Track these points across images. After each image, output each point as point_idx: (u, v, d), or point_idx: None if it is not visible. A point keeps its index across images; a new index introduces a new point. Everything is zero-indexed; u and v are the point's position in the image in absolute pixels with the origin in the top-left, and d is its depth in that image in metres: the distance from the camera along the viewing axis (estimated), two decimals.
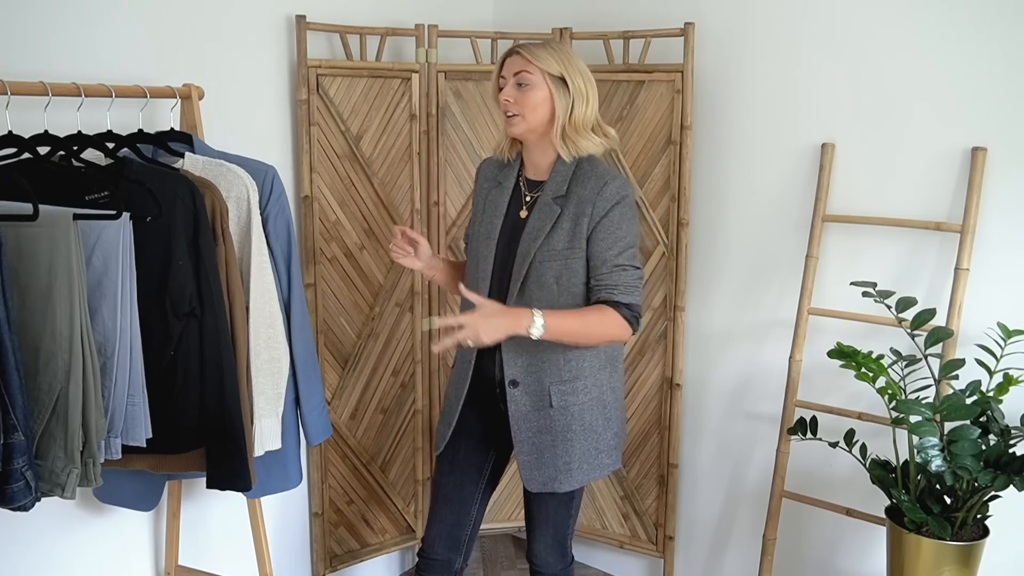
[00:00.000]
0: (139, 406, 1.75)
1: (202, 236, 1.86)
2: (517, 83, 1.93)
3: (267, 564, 2.21)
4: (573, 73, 1.93)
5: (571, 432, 1.99)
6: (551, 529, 2.11)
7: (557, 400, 1.98)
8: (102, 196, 1.82)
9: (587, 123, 1.96)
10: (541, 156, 2.01)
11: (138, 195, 1.79)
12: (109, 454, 1.73)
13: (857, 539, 2.48)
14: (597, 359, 2.01)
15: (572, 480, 2.01)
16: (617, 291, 1.91)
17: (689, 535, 2.90)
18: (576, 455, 2.00)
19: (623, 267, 1.93)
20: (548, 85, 1.92)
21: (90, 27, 2.05)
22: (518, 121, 1.94)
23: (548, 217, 1.94)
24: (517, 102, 1.93)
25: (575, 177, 1.96)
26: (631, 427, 2.87)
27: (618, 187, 1.94)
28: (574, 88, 1.93)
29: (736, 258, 2.69)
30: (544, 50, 1.93)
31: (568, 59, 1.94)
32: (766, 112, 2.57)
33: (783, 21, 2.50)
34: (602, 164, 1.99)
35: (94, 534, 2.21)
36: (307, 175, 2.56)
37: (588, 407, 2.01)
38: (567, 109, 1.93)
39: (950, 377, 2.12)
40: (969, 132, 2.22)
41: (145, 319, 1.78)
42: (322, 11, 2.54)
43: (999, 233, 2.21)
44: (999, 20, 2.16)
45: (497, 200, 2.05)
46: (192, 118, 2.12)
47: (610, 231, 1.92)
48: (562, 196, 1.95)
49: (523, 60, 1.92)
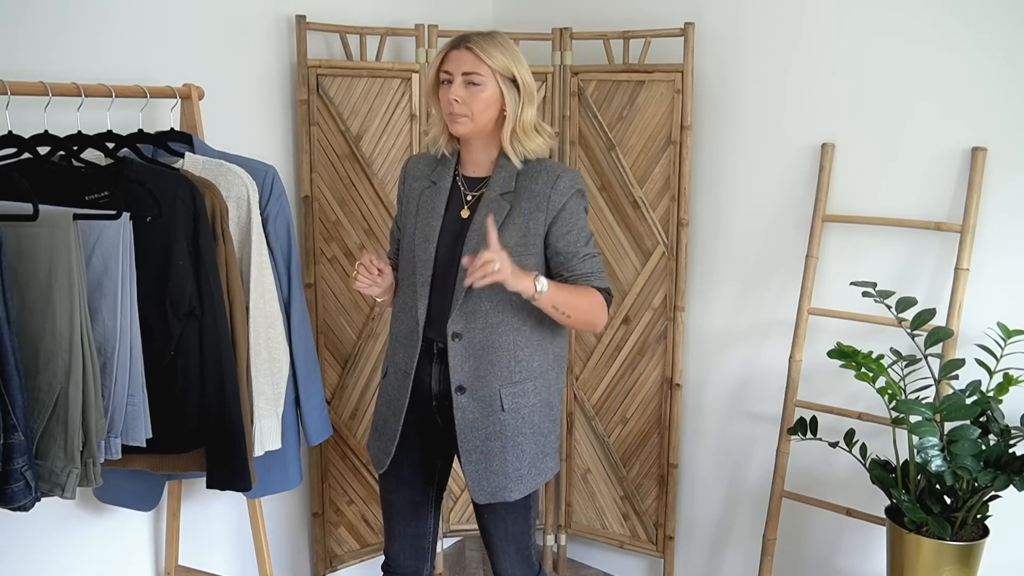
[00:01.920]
0: (139, 406, 1.75)
1: (202, 236, 1.86)
2: (467, 82, 1.83)
3: (267, 564, 2.21)
4: (521, 70, 1.85)
5: (521, 436, 1.92)
6: (513, 544, 2.02)
7: (508, 403, 1.90)
8: (102, 196, 1.81)
9: (532, 123, 1.89)
10: (483, 154, 1.93)
11: (138, 195, 1.79)
12: (109, 454, 1.73)
13: (857, 539, 2.48)
14: (546, 359, 1.95)
15: (522, 487, 1.93)
16: (593, 278, 1.90)
17: (689, 535, 2.90)
18: (527, 460, 1.93)
19: (591, 255, 1.91)
20: (499, 85, 1.83)
21: (90, 27, 2.05)
22: (465, 121, 1.85)
23: (497, 213, 1.86)
24: (465, 102, 1.83)
25: (524, 172, 1.89)
26: (631, 427, 2.87)
27: (571, 179, 1.89)
28: (524, 88, 1.85)
29: (736, 258, 2.69)
30: (495, 47, 1.83)
31: (515, 55, 1.86)
32: (766, 112, 2.57)
33: (783, 21, 2.50)
34: (549, 159, 1.95)
35: (94, 534, 2.21)
36: (307, 175, 2.56)
37: (537, 409, 1.94)
38: (518, 109, 1.85)
39: (950, 377, 2.12)
40: (969, 132, 2.22)
41: (145, 319, 1.77)
42: (322, 11, 2.54)
43: (999, 233, 2.21)
44: (999, 20, 2.16)
45: (433, 201, 1.95)
46: (192, 118, 2.12)
47: (572, 222, 1.88)
48: (511, 192, 1.87)
49: (474, 59, 1.81)
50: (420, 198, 1.98)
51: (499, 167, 1.90)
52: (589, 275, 1.90)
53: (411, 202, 2.00)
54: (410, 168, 2.05)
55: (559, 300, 1.83)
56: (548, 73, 2.80)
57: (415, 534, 2.10)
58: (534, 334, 1.93)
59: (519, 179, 1.89)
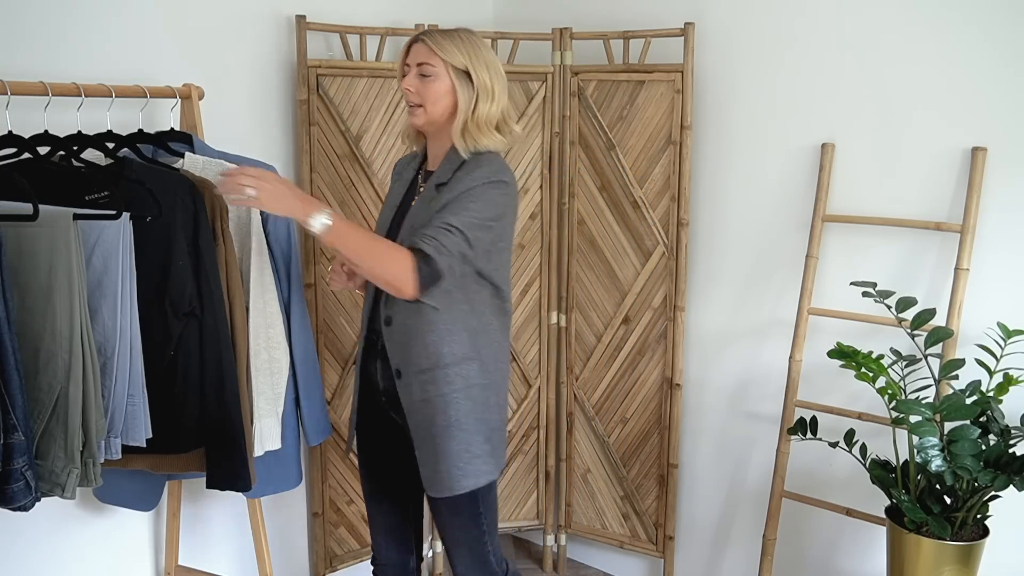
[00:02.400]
0: (139, 406, 1.75)
1: (202, 236, 1.86)
2: (420, 73, 1.85)
3: (267, 564, 2.21)
4: (479, 67, 1.86)
5: (435, 427, 1.86)
6: (466, 550, 1.98)
7: (419, 392, 1.86)
8: (102, 196, 1.81)
9: (491, 120, 1.88)
10: (440, 148, 1.94)
11: (138, 195, 1.79)
12: (109, 454, 1.73)
13: (857, 539, 2.48)
14: (460, 348, 1.86)
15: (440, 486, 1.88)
16: (427, 241, 1.76)
17: (689, 535, 2.90)
18: (443, 455, 1.86)
19: (449, 227, 1.78)
20: (451, 77, 1.85)
21: (90, 27, 2.05)
22: (419, 112, 1.88)
23: (429, 201, 1.87)
24: (418, 92, 1.86)
25: (463, 166, 1.87)
26: (631, 427, 2.87)
27: (491, 171, 1.85)
28: (478, 82, 1.85)
29: (736, 258, 2.69)
30: (449, 41, 1.85)
31: (475, 52, 1.86)
32: (766, 112, 2.57)
33: (783, 21, 2.50)
34: (498, 158, 1.90)
35: (94, 534, 2.21)
36: (307, 175, 2.56)
37: (452, 400, 1.86)
38: (470, 104, 1.86)
39: (950, 377, 2.12)
40: (969, 132, 2.22)
41: (145, 319, 1.78)
42: (322, 11, 2.54)
43: (999, 233, 2.21)
44: (999, 20, 2.16)
45: (395, 192, 2.02)
46: (192, 118, 2.12)
47: (461, 201, 1.81)
48: (444, 184, 1.87)
49: (427, 50, 1.84)
50: (390, 192, 2.05)
51: (445, 159, 1.91)
52: (426, 238, 1.77)
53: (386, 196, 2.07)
54: (395, 167, 2.12)
55: (343, 241, 1.74)
56: (548, 73, 2.80)
57: (395, 525, 2.11)
58: (445, 317, 1.85)
59: (458, 171, 1.87)
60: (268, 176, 1.72)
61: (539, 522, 3.07)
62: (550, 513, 3.06)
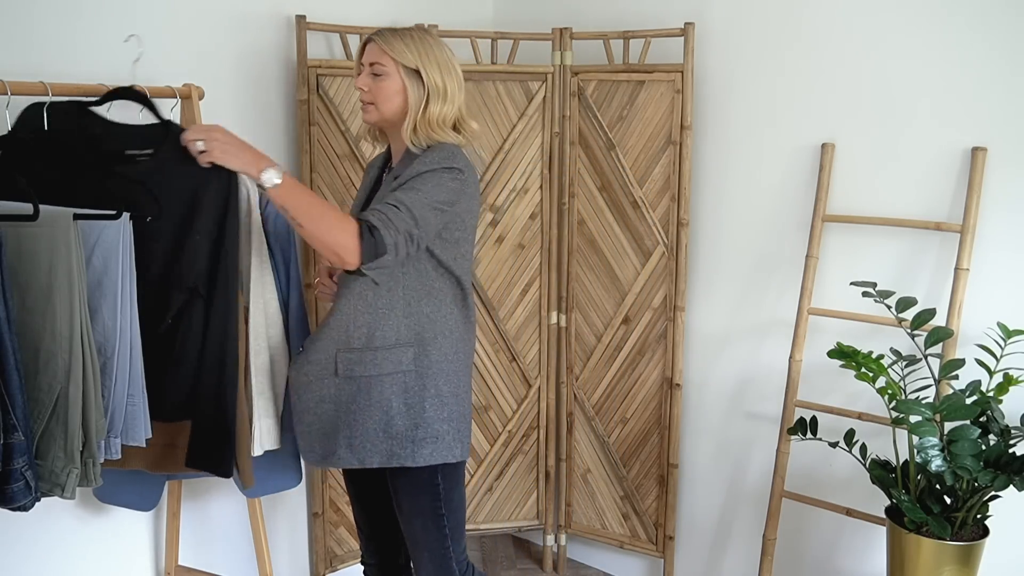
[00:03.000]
0: (139, 406, 1.75)
1: (229, 217, 1.85)
2: (372, 72, 1.88)
3: (267, 564, 2.21)
4: (430, 67, 1.86)
5: (355, 404, 1.87)
6: (426, 553, 1.96)
7: (343, 368, 1.87)
8: (144, 153, 1.82)
9: (445, 120, 1.89)
10: (399, 144, 1.96)
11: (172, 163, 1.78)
12: (109, 454, 1.73)
13: (857, 539, 2.48)
14: (396, 333, 1.86)
15: (352, 458, 1.88)
16: (374, 215, 1.77)
17: (689, 535, 2.90)
18: (359, 431, 1.87)
19: (398, 205, 1.78)
20: (401, 77, 1.86)
21: (90, 27, 2.05)
22: (371, 110, 1.91)
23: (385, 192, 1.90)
24: (370, 91, 1.89)
25: (419, 157, 1.88)
26: (631, 427, 2.87)
27: (445, 156, 1.85)
28: (429, 82, 1.86)
29: (736, 258, 2.69)
30: (400, 40, 1.87)
31: (427, 52, 1.87)
32: (766, 112, 2.57)
33: (783, 21, 2.50)
34: (451, 147, 1.89)
35: (94, 534, 2.21)
36: (307, 175, 2.56)
37: (379, 382, 1.86)
38: (420, 103, 1.87)
39: (950, 377, 2.12)
40: (969, 132, 2.22)
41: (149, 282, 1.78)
42: (322, 11, 2.54)
43: (999, 233, 2.21)
44: (999, 20, 2.16)
45: (363, 189, 2.06)
46: (192, 118, 2.12)
47: (412, 183, 1.81)
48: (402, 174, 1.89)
49: (378, 50, 1.87)
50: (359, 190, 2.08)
51: (405, 155, 1.93)
52: (374, 211, 1.78)
53: None
54: (367, 168, 2.14)
55: (292, 200, 1.75)
56: (548, 73, 2.80)
57: (378, 525, 2.12)
58: (379, 302, 1.86)
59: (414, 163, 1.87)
60: (217, 129, 1.76)
61: (539, 522, 3.07)
62: (550, 513, 3.06)
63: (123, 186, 1.78)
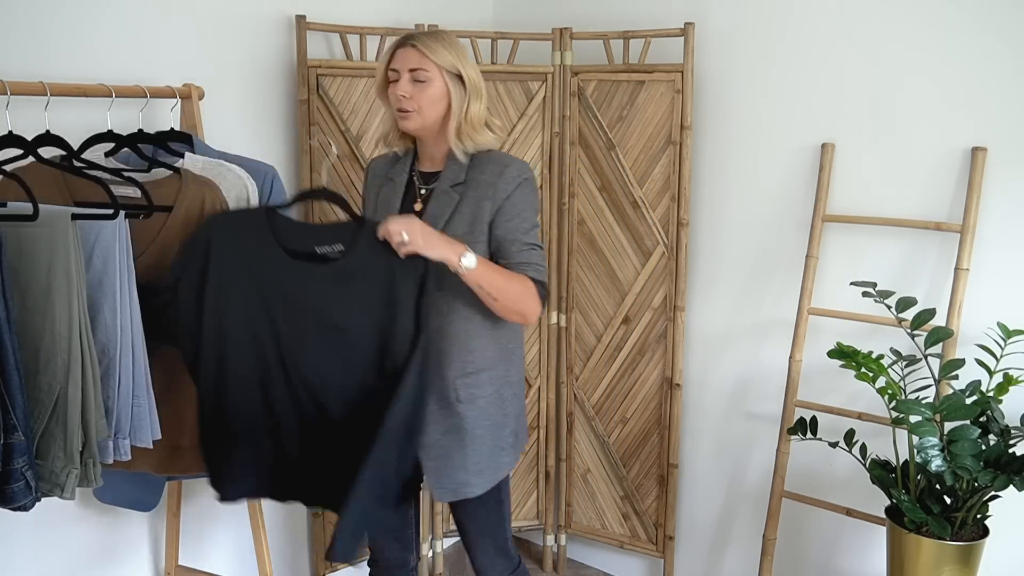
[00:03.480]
0: (144, 407, 1.74)
1: (424, 297, 1.81)
2: (413, 79, 1.85)
3: (267, 564, 2.21)
4: (468, 68, 1.87)
5: (480, 429, 1.93)
6: (489, 539, 2.06)
7: (464, 393, 1.91)
8: (334, 250, 1.82)
9: (482, 118, 1.91)
10: (436, 148, 1.95)
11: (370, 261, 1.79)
12: (118, 455, 1.72)
13: (857, 539, 2.48)
14: (495, 350, 1.94)
15: (483, 482, 1.95)
16: (530, 269, 1.87)
17: (689, 535, 2.90)
18: (485, 453, 1.94)
19: (532, 246, 1.89)
20: (445, 81, 1.86)
21: (90, 27, 2.05)
22: (413, 117, 1.87)
23: (447, 205, 1.89)
24: (413, 98, 1.86)
25: (473, 164, 1.90)
26: (631, 427, 2.87)
27: (519, 168, 1.90)
28: (470, 84, 1.87)
29: (736, 258, 2.69)
30: (440, 44, 1.85)
31: (462, 53, 1.88)
32: (766, 112, 2.57)
33: (783, 21, 2.50)
34: (498, 151, 1.95)
35: (94, 534, 2.21)
36: (307, 175, 2.56)
37: (490, 401, 1.94)
38: (463, 105, 1.87)
39: (950, 377, 2.12)
40: (969, 132, 2.22)
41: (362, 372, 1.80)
42: (322, 11, 2.54)
43: (999, 233, 2.21)
44: (999, 20, 2.16)
45: (389, 197, 1.99)
46: (192, 118, 2.12)
47: (517, 211, 1.88)
48: (460, 183, 1.90)
49: (419, 55, 1.84)
50: (379, 196, 2.02)
51: (450, 160, 1.92)
52: (525, 265, 1.87)
53: (370, 201, 2.04)
54: (371, 169, 2.09)
55: (486, 279, 1.81)
56: (548, 73, 2.80)
57: (400, 526, 2.12)
58: (485, 322, 1.92)
59: (469, 170, 1.90)
60: (414, 221, 1.77)
61: (539, 522, 3.07)
62: (550, 513, 3.06)
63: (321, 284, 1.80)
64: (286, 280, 1.81)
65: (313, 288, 1.81)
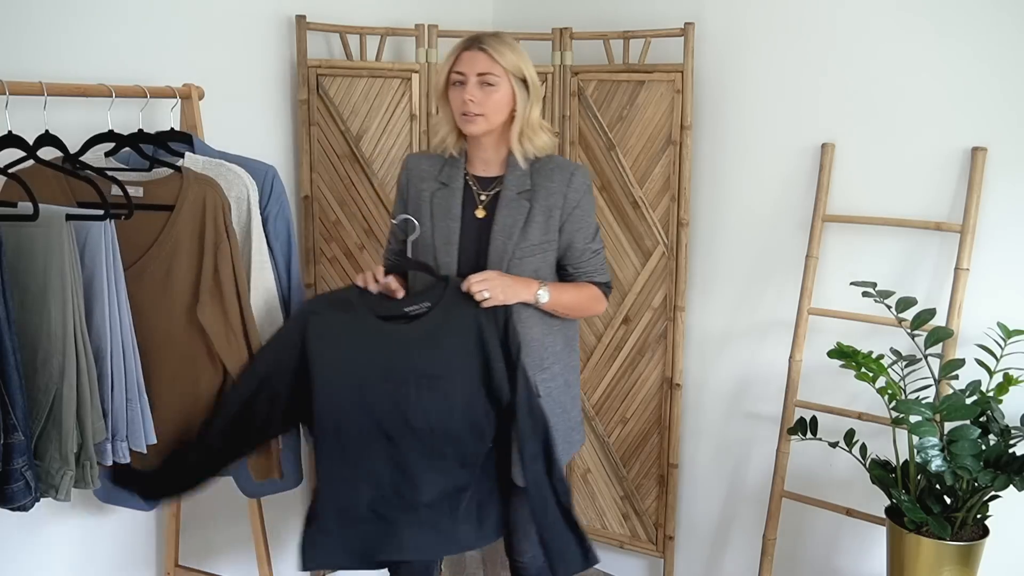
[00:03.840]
0: (138, 411, 1.74)
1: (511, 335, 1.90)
2: (481, 82, 1.86)
3: (267, 564, 2.21)
4: (530, 70, 1.89)
5: (555, 417, 1.99)
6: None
7: (543, 388, 1.98)
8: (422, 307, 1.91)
9: (539, 120, 1.93)
10: (494, 152, 1.96)
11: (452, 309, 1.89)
12: (117, 457, 1.72)
13: (857, 539, 2.48)
14: (562, 343, 2.04)
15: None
16: (596, 274, 2.02)
17: (689, 535, 2.90)
18: (560, 438, 1.99)
19: (597, 251, 2.02)
20: (511, 84, 1.87)
21: (90, 27, 2.05)
22: (480, 121, 1.88)
23: (518, 213, 1.92)
24: (481, 102, 1.86)
25: (536, 171, 1.94)
26: (631, 427, 2.87)
27: (583, 176, 1.98)
28: (532, 86, 1.89)
29: (736, 258, 2.69)
30: (506, 47, 1.87)
31: (524, 55, 1.90)
32: (766, 112, 2.56)
33: (783, 21, 2.50)
34: (557, 155, 2.00)
35: (94, 534, 2.21)
36: (307, 175, 2.56)
37: (561, 389, 2.04)
38: (527, 108, 1.88)
39: (950, 377, 2.12)
40: (969, 132, 2.22)
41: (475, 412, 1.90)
42: (322, 11, 2.54)
43: (999, 233, 2.21)
44: (999, 20, 2.16)
45: (447, 202, 1.97)
46: (192, 118, 2.12)
47: (583, 220, 1.97)
48: (527, 190, 1.92)
49: (488, 59, 1.85)
50: (432, 200, 1.99)
51: (511, 166, 1.95)
52: (592, 272, 2.02)
53: (422, 204, 2.01)
54: (412, 167, 2.05)
55: (559, 303, 1.95)
56: (548, 73, 2.80)
57: None
58: (554, 321, 2.02)
59: (533, 177, 1.94)
60: (493, 275, 1.87)
61: None
62: None
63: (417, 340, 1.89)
64: (384, 343, 1.89)
65: (410, 344, 1.89)
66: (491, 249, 1.93)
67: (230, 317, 1.91)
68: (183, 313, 1.89)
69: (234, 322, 1.92)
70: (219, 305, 1.90)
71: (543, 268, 1.96)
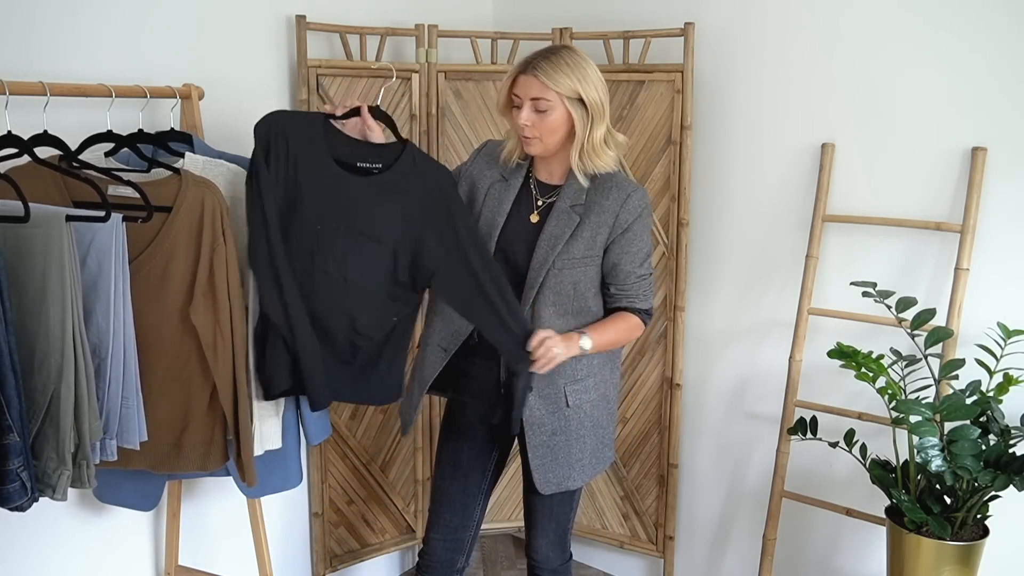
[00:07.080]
0: (133, 408, 1.74)
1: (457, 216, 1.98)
2: (535, 108, 1.87)
3: (267, 564, 2.21)
4: (589, 89, 1.86)
5: (584, 429, 2.02)
6: (553, 524, 2.13)
7: (573, 399, 2.00)
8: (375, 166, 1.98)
9: (603, 138, 1.91)
10: (557, 164, 1.98)
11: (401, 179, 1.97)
12: (105, 456, 1.72)
13: (857, 539, 2.48)
14: (601, 357, 2.03)
15: (584, 476, 2.05)
16: (638, 299, 2.00)
17: (689, 535, 2.90)
18: (588, 452, 2.04)
19: (644, 277, 2.00)
20: (566, 107, 1.87)
21: (90, 27, 2.05)
22: (536, 143, 1.91)
23: (567, 225, 1.93)
24: (535, 126, 1.88)
25: (595, 187, 1.94)
26: (631, 427, 2.87)
27: (639, 198, 1.95)
28: (592, 106, 1.87)
29: (736, 258, 2.69)
30: (560, 72, 1.84)
31: (583, 74, 1.86)
32: (766, 112, 2.56)
33: (783, 21, 2.50)
34: (619, 173, 1.99)
35: (94, 534, 2.21)
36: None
37: (596, 404, 2.04)
38: (586, 128, 1.88)
39: (950, 377, 2.11)
40: (969, 132, 2.22)
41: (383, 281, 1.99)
42: (322, 11, 2.54)
43: (999, 233, 2.21)
44: (999, 20, 2.15)
45: (501, 197, 2.00)
46: (192, 118, 2.12)
47: (634, 243, 1.96)
48: (581, 204, 1.94)
49: (540, 86, 1.85)
50: (488, 190, 2.02)
51: (571, 178, 1.96)
52: (635, 297, 1.99)
53: (478, 190, 2.04)
54: (487, 150, 2.09)
55: (601, 346, 1.97)
56: None
57: (458, 526, 2.14)
58: None
59: (590, 192, 1.94)
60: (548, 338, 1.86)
61: None
62: None
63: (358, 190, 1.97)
64: (329, 185, 1.95)
65: (351, 196, 1.95)
66: (534, 256, 1.94)
67: (220, 320, 1.91)
68: (177, 313, 1.89)
69: (223, 325, 1.92)
70: (211, 307, 1.90)
71: (583, 282, 1.95)
